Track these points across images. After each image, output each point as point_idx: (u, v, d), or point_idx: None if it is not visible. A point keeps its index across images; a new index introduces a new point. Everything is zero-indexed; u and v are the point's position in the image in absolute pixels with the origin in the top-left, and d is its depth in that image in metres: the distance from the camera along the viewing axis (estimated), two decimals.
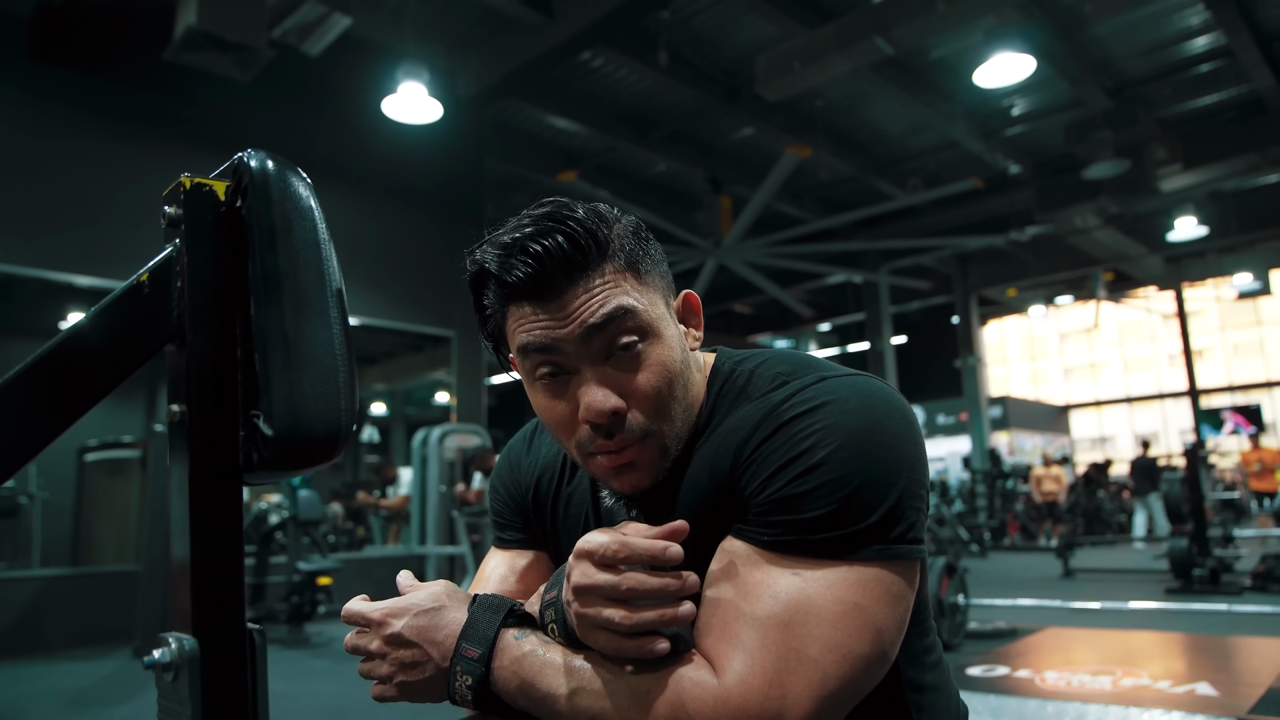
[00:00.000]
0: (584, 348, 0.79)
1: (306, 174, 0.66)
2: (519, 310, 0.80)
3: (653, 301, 0.82)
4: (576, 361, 0.80)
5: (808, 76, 7.19)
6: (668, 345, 0.82)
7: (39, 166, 5.98)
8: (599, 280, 0.79)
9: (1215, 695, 3.26)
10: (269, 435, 0.58)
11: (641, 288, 0.82)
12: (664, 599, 0.70)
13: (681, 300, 0.89)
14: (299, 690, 3.92)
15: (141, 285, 0.60)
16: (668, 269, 0.88)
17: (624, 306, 0.79)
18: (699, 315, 0.90)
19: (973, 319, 15.50)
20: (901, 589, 0.74)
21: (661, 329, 0.82)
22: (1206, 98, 9.50)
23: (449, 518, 6.99)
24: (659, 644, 0.71)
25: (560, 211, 0.80)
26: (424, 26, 7.25)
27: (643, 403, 0.80)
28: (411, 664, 0.78)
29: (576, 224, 0.79)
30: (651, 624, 0.70)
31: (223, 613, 0.59)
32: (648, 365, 0.80)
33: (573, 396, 0.81)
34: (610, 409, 0.78)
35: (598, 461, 0.82)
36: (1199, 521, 6.67)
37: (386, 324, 7.99)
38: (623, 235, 0.82)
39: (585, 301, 0.78)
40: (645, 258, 0.84)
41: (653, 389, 0.80)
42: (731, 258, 10.33)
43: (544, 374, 0.81)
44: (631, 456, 0.81)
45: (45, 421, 0.56)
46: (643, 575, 0.70)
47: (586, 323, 0.78)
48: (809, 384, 0.79)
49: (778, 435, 0.76)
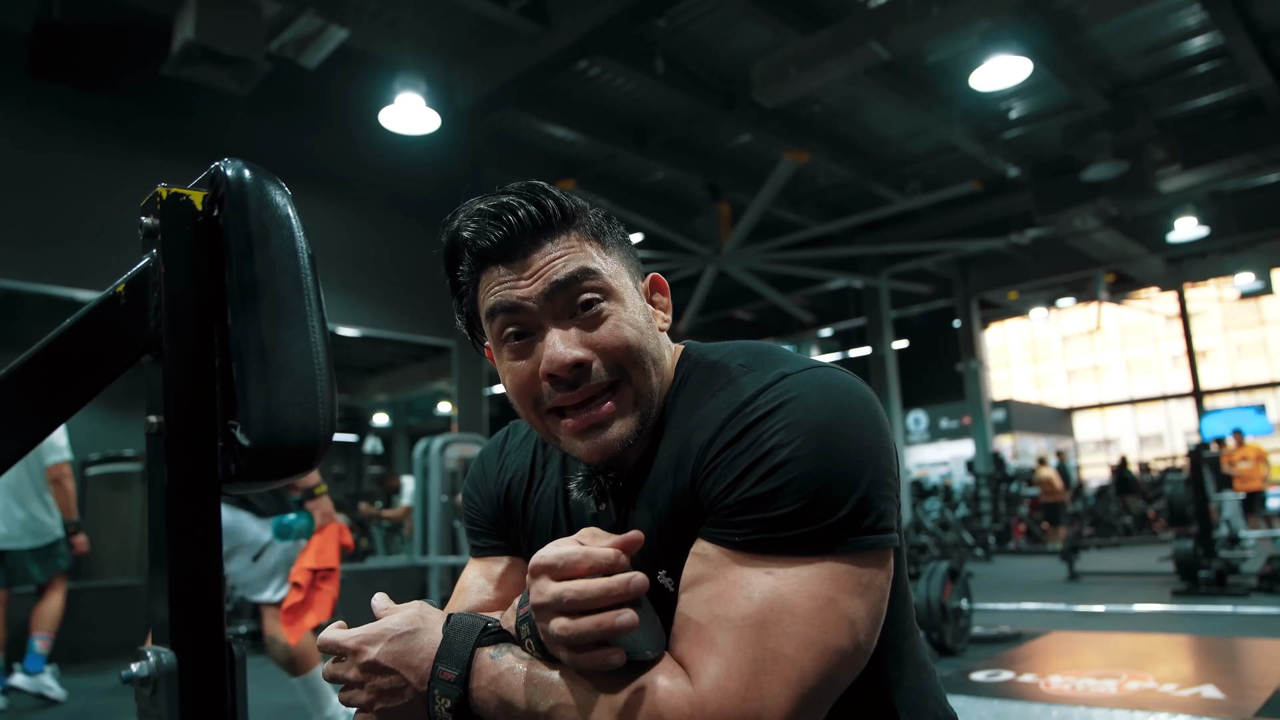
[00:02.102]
0: (548, 304, 0.81)
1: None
2: (489, 275, 0.84)
3: (617, 271, 0.86)
4: (540, 318, 0.82)
5: (804, 82, 7.20)
6: (632, 310, 0.84)
7: (39, 181, 6.00)
8: (564, 243, 0.83)
9: (1222, 698, 3.24)
10: (246, 445, 0.58)
11: (606, 256, 0.85)
12: (608, 605, 0.69)
13: (649, 281, 0.91)
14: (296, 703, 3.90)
15: (118, 296, 0.60)
16: (635, 255, 0.91)
17: (587, 268, 0.82)
18: (667, 297, 0.93)
19: (974, 322, 15.48)
20: (874, 578, 0.74)
21: (625, 296, 0.85)
22: (1205, 98, 9.49)
23: (451, 528, 6.97)
24: (611, 656, 0.70)
25: (531, 185, 0.84)
26: (420, 38, 7.28)
27: (608, 354, 0.81)
28: (389, 690, 0.78)
29: (545, 193, 0.83)
30: (589, 634, 0.68)
31: (201, 625, 0.58)
32: (613, 320, 0.82)
33: (536, 356, 0.82)
34: (572, 360, 0.79)
35: (564, 424, 0.83)
36: (1204, 523, 6.64)
37: (387, 334, 7.99)
38: (591, 213, 0.87)
39: (550, 260, 0.82)
40: (610, 234, 0.88)
41: (620, 340, 0.82)
42: (731, 264, 10.32)
43: (509, 334, 0.83)
44: (607, 411, 0.81)
45: (19, 433, 0.56)
46: (584, 583, 0.69)
47: (551, 279, 0.81)
48: (769, 383, 0.78)
49: (741, 439, 0.76)
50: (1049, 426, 20.63)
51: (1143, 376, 25.21)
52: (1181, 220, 11.77)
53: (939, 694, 0.93)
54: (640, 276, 0.91)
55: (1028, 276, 14.39)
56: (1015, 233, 11.19)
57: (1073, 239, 11.79)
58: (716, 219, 9.94)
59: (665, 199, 11.19)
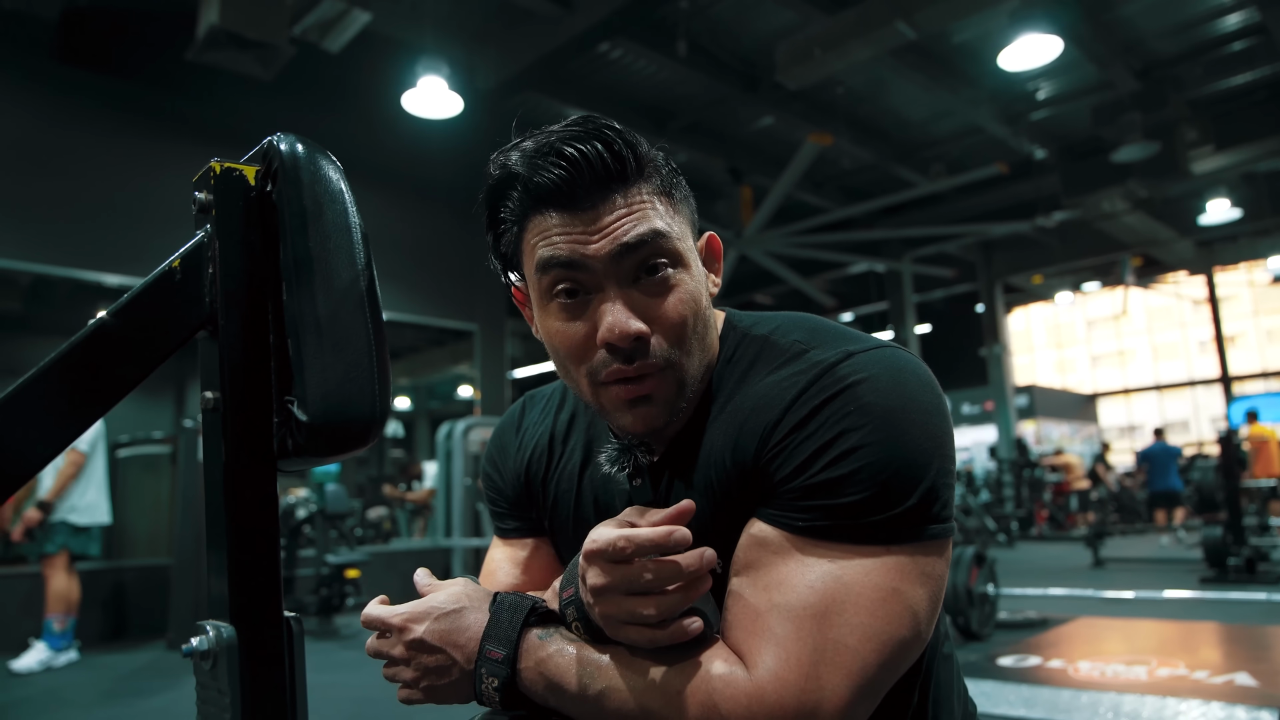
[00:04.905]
0: (613, 266, 0.75)
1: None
2: (543, 220, 0.76)
3: (684, 233, 0.80)
4: (603, 280, 0.75)
5: (828, 64, 7.11)
6: (695, 279, 0.79)
7: (65, 166, 6.07)
8: (637, 198, 0.76)
9: (1255, 685, 3.20)
10: (303, 421, 0.57)
11: (675, 216, 0.79)
12: (682, 580, 0.68)
13: (705, 241, 0.86)
14: (329, 681, 3.96)
15: (173, 272, 0.59)
16: (695, 211, 0.85)
17: (659, 230, 0.76)
18: (720, 262, 0.87)
19: (998, 307, 15.31)
20: (936, 566, 0.72)
21: (691, 261, 0.79)
22: (1239, 77, 9.27)
23: (474, 510, 7.02)
24: (692, 624, 0.69)
25: (598, 121, 0.76)
26: (442, 21, 7.26)
27: (668, 331, 0.77)
28: (436, 669, 0.78)
29: (616, 134, 0.75)
30: (678, 607, 0.68)
31: (260, 600, 0.58)
32: (677, 293, 0.77)
33: (591, 318, 0.76)
34: (635, 331, 0.74)
35: (612, 392, 0.78)
36: (1234, 510, 6.55)
37: (410, 319, 8.03)
38: (658, 160, 0.80)
39: (622, 217, 0.75)
40: (677, 188, 0.81)
41: (680, 317, 0.77)
42: (753, 248, 10.27)
43: (561, 290, 0.77)
44: (650, 388, 0.77)
45: (78, 410, 0.56)
46: (656, 563, 0.68)
47: (620, 240, 0.74)
48: (835, 361, 0.75)
49: (809, 421, 0.73)
50: (1073, 412, 20.40)
51: (1169, 362, 24.85)
52: (1213, 202, 11.55)
53: (961, 684, 0.92)
54: (698, 234, 0.85)
55: (1053, 260, 14.20)
56: (1041, 216, 11.02)
57: (1100, 222, 11.60)
58: (738, 202, 9.89)
59: (687, 182, 11.11)
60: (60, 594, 4.50)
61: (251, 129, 5.92)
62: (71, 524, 4.55)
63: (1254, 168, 11.07)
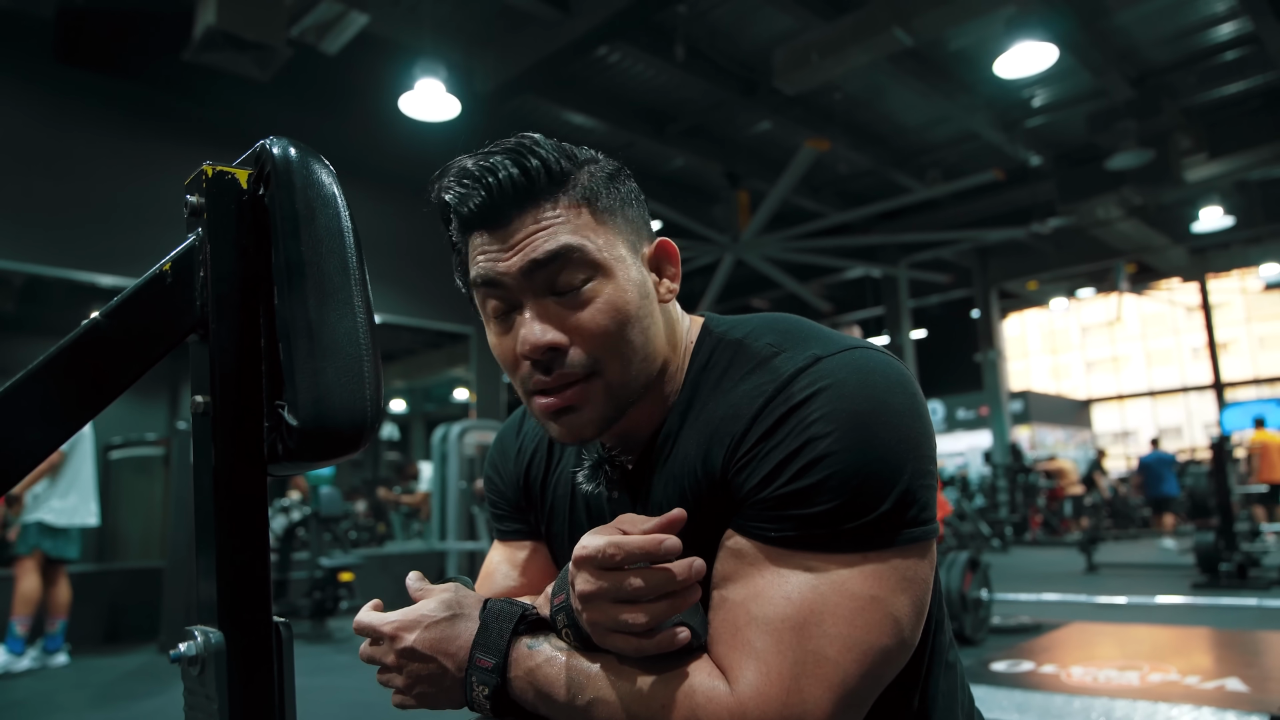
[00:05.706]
0: (526, 281, 0.77)
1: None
2: (474, 239, 0.80)
3: (610, 242, 0.79)
4: (519, 295, 0.78)
5: (826, 69, 7.13)
6: (621, 287, 0.78)
7: (61, 166, 6.05)
8: (550, 213, 0.77)
9: (1246, 691, 3.21)
10: (294, 426, 0.57)
11: (598, 226, 0.79)
12: (671, 588, 0.68)
13: (655, 247, 0.85)
14: (323, 684, 3.95)
15: (164, 275, 0.59)
16: (644, 216, 0.85)
17: (570, 244, 0.76)
18: (675, 265, 0.86)
19: (993, 313, 15.35)
20: (917, 570, 0.71)
21: (615, 269, 0.78)
22: (1232, 85, 9.33)
23: (469, 513, 7.01)
24: (679, 634, 0.69)
25: (521, 142, 0.78)
26: (441, 23, 7.26)
27: (587, 340, 0.77)
28: (428, 677, 0.78)
29: (531, 154, 0.77)
30: (666, 616, 0.68)
31: (249, 605, 0.58)
32: (595, 303, 0.77)
33: (516, 332, 0.78)
34: (546, 343, 0.76)
35: (536, 404, 0.80)
36: (1225, 515, 6.57)
37: (405, 321, 8.02)
38: (589, 173, 0.79)
39: (532, 233, 0.76)
40: (609, 196, 0.80)
41: (598, 326, 0.77)
42: (749, 252, 10.28)
43: (494, 308, 0.80)
44: (573, 398, 0.78)
45: (69, 412, 0.56)
46: (646, 571, 0.68)
47: (529, 256, 0.76)
48: (803, 367, 0.74)
49: (777, 430, 0.72)
50: (1067, 418, 20.45)
51: (1162, 368, 24.94)
52: (1207, 210, 11.60)
53: (966, 694, 0.91)
54: (646, 240, 0.84)
55: (1048, 266, 14.24)
56: (1036, 222, 11.06)
57: (1095, 229, 11.65)
58: (735, 207, 9.90)
59: (684, 187, 11.14)
60: (26, 596, 4.41)
61: (249, 130, 5.88)
62: (46, 524, 4.48)
63: (1247, 176, 11.14)
